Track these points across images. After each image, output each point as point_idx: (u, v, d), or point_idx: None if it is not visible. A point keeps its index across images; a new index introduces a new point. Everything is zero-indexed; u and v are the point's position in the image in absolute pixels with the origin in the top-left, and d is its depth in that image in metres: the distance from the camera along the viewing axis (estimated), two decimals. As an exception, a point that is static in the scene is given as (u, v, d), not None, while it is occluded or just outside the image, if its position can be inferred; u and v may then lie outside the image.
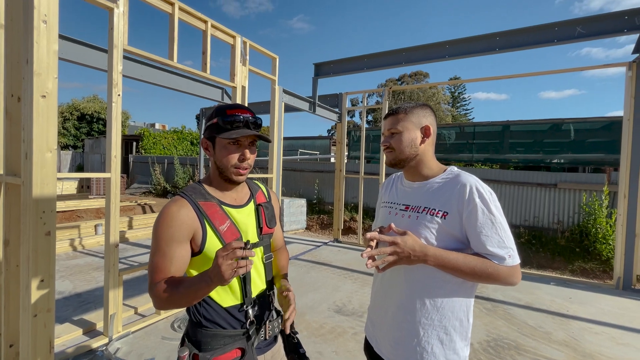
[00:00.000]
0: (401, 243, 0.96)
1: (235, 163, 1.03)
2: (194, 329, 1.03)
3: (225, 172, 1.05)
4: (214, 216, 1.02)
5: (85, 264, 4.81)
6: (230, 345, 1.01)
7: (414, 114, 1.12)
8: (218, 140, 1.03)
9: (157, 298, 0.93)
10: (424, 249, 0.97)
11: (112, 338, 2.67)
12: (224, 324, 1.02)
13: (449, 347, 1.02)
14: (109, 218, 2.63)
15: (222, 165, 1.04)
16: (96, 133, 24.75)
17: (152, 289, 0.94)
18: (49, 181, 1.60)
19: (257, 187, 1.23)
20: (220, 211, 1.04)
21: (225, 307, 1.03)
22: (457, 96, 31.24)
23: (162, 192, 12.30)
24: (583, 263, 5.66)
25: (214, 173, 1.09)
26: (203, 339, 1.01)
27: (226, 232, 1.02)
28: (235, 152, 1.03)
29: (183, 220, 0.96)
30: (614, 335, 3.03)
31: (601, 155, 7.47)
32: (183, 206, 0.99)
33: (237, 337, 1.02)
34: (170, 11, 3.05)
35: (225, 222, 1.03)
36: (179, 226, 0.96)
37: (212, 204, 1.03)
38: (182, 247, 0.97)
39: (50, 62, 1.57)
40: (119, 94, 2.66)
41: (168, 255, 0.95)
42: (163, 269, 0.95)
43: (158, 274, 0.95)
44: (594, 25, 3.88)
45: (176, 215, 0.96)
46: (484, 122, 9.26)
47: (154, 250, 0.97)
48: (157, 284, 0.94)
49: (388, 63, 5.31)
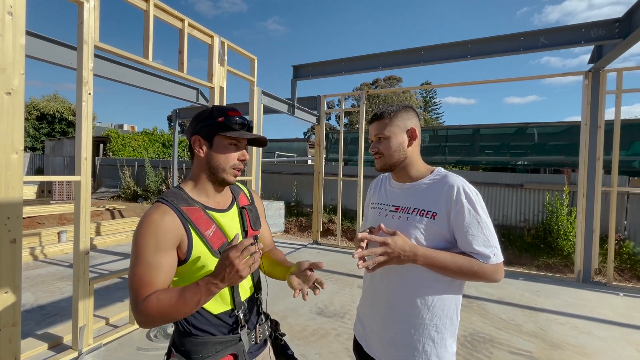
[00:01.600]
0: (391, 243, 0.98)
1: (234, 163, 1.02)
2: (181, 339, 0.98)
3: (221, 172, 1.02)
4: (198, 221, 0.97)
5: (48, 274, 4.49)
6: (222, 352, 0.97)
7: (399, 118, 1.14)
8: (218, 139, 1.00)
9: (146, 315, 0.85)
10: (413, 249, 0.99)
11: (82, 352, 2.51)
12: (214, 331, 0.99)
13: (440, 345, 1.05)
14: (78, 224, 2.47)
15: (219, 165, 1.01)
16: (57, 134, 23.22)
17: (137, 306, 0.86)
18: (15, 185, 1.48)
19: (239, 189, 1.20)
20: (205, 216, 0.99)
21: (216, 314, 0.99)
22: (429, 100, 32.36)
23: (132, 196, 11.74)
24: (547, 258, 6.04)
25: (200, 175, 1.04)
26: (193, 347, 0.96)
27: (212, 237, 0.98)
28: (235, 152, 1.02)
29: (168, 228, 0.91)
30: (577, 324, 3.25)
31: (561, 157, 8.02)
32: (166, 213, 0.93)
33: (229, 343, 0.99)
34: (145, 8, 2.93)
35: (210, 227, 0.99)
36: (164, 234, 0.90)
37: (196, 209, 0.99)
38: (169, 256, 0.91)
39: (17, 57, 1.46)
40: (90, 93, 2.52)
41: (155, 266, 0.88)
42: (149, 282, 0.87)
43: (144, 288, 0.87)
44: (556, 36, 4.17)
45: (160, 222, 0.90)
46: (456, 125, 9.66)
47: (136, 262, 0.89)
48: (145, 300, 0.86)
49: (366, 67, 5.41)
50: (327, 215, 8.51)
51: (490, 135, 8.93)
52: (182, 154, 18.53)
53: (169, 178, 11.40)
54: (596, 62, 4.36)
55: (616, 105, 4.41)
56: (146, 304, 0.85)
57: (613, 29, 3.86)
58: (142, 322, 0.87)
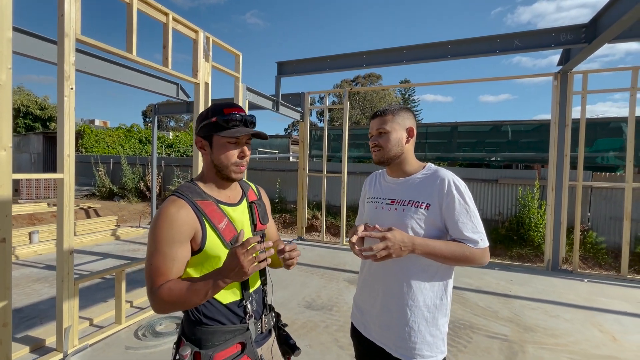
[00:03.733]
0: (391, 238, 1.05)
1: (235, 161, 1.06)
2: (191, 328, 1.03)
3: (225, 170, 1.06)
4: (212, 215, 1.03)
5: (22, 276, 4.30)
6: (231, 341, 1.02)
7: (400, 116, 1.24)
8: (216, 139, 1.04)
9: (160, 302, 0.92)
10: (411, 240, 1.08)
11: (68, 353, 2.46)
12: (224, 320, 1.04)
13: (432, 323, 1.15)
14: (62, 222, 2.40)
15: (221, 163, 1.05)
16: (23, 129, 21.86)
17: (154, 293, 0.93)
18: (3, 182, 1.45)
19: (248, 186, 1.26)
20: (218, 209, 1.05)
21: (226, 304, 1.04)
22: (407, 98, 32.99)
23: (107, 194, 11.29)
24: (520, 249, 6.39)
25: (210, 172, 1.09)
26: (203, 336, 1.01)
27: (225, 230, 1.04)
28: (234, 150, 1.05)
29: (184, 221, 0.96)
30: (547, 309, 3.51)
31: (532, 154, 8.48)
32: (182, 207, 0.98)
33: (237, 332, 1.04)
34: (128, 1, 2.86)
35: (223, 220, 1.04)
36: (180, 227, 0.95)
37: (210, 203, 1.04)
38: (183, 248, 0.97)
39: (4, 50, 1.42)
40: (72, 87, 2.44)
41: (170, 257, 0.94)
42: (165, 272, 0.94)
43: (159, 277, 0.94)
44: (529, 39, 4.41)
45: (176, 216, 0.96)
46: (436, 123, 9.96)
47: (153, 252, 0.95)
48: (160, 287, 0.92)
49: (349, 65, 5.49)
50: (311, 211, 8.57)
51: (467, 132, 9.29)
52: (160, 150, 17.98)
53: (147, 175, 11.06)
54: (565, 64, 4.65)
55: (582, 105, 4.73)
56: (160, 292, 0.91)
57: (580, 34, 4.14)
58: (156, 308, 0.93)
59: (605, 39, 3.78)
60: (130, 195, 10.80)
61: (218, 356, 0.99)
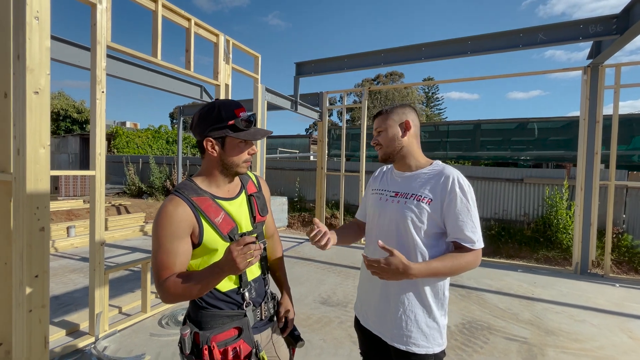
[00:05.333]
0: (385, 267, 1.06)
1: (246, 158, 1.13)
2: (195, 311, 1.11)
3: (235, 167, 1.12)
4: (208, 210, 1.07)
5: (60, 267, 4.64)
6: (228, 325, 1.09)
7: (395, 113, 1.29)
8: (230, 140, 1.09)
9: (167, 293, 0.98)
10: (406, 268, 1.05)
11: (99, 337, 2.65)
12: (223, 306, 1.10)
13: (429, 315, 1.18)
14: (94, 216, 2.60)
15: (233, 162, 1.11)
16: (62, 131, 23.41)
17: (161, 285, 0.99)
18: (43, 177, 1.61)
19: (247, 178, 1.29)
20: (214, 204, 1.09)
21: (224, 292, 1.11)
22: (431, 96, 32.27)
23: (137, 192, 11.90)
24: (546, 252, 6.13)
25: (213, 170, 1.13)
26: (203, 319, 1.08)
27: (221, 223, 1.08)
28: (245, 149, 1.12)
29: (181, 218, 1.02)
30: (572, 313, 3.36)
31: (561, 152, 8.08)
32: (179, 204, 1.03)
33: (235, 317, 1.11)
34: (153, 8, 3.04)
35: (219, 214, 1.09)
36: (178, 223, 1.01)
37: (205, 199, 1.09)
38: (183, 243, 1.03)
39: (43, 58, 1.58)
40: (103, 91, 2.64)
41: (172, 252, 1.00)
42: (168, 266, 1.00)
43: (164, 271, 1.00)
44: (554, 33, 4.24)
45: (174, 213, 1.01)
46: (457, 121, 9.72)
47: (157, 249, 1.01)
48: (165, 280, 0.99)
49: (367, 64, 5.49)
50: (330, 210, 8.63)
51: (491, 130, 8.99)
52: (185, 150, 18.69)
53: (173, 174, 11.54)
54: (595, 57, 4.42)
55: (614, 100, 4.47)
56: (166, 285, 0.99)
57: (610, 25, 3.92)
58: (163, 298, 1.01)
59: (639, 29, 3.57)
60: (157, 193, 11.31)
61: (215, 338, 1.05)
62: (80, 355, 2.45)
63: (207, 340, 1.04)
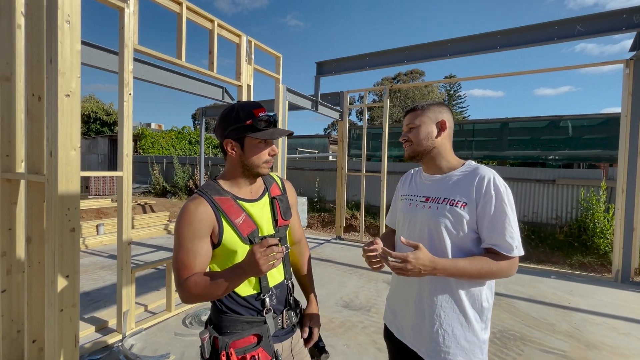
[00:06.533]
0: (413, 261, 0.98)
1: (266, 159, 1.09)
2: (216, 315, 1.09)
3: (256, 168, 1.09)
4: (229, 210, 1.06)
5: (90, 264, 4.82)
6: (247, 331, 1.05)
7: (431, 110, 1.20)
8: (249, 140, 1.07)
9: (187, 293, 0.97)
10: (433, 263, 1.00)
11: (126, 335, 2.70)
12: (242, 311, 1.07)
13: (468, 328, 1.08)
14: (121, 216, 2.65)
15: (253, 163, 1.08)
16: (93, 133, 24.55)
17: (181, 285, 0.98)
18: (73, 178, 1.63)
19: (272, 180, 1.26)
20: (235, 205, 1.08)
21: (244, 297, 1.08)
22: (453, 94, 31.40)
23: (161, 192, 12.27)
24: (581, 257, 5.77)
25: (235, 171, 1.11)
26: (223, 323, 1.06)
27: (242, 225, 1.06)
28: (265, 149, 1.09)
29: (202, 217, 1.01)
30: (616, 325, 3.12)
31: (598, 152, 7.60)
32: (201, 203, 1.03)
33: (254, 324, 1.07)
34: (178, 11, 3.07)
35: (240, 215, 1.07)
36: (199, 222, 1.00)
37: (227, 199, 1.07)
38: (204, 242, 1.02)
39: (74, 61, 1.60)
40: (130, 93, 2.69)
41: (192, 251, 0.99)
42: (189, 265, 0.99)
43: (185, 270, 0.99)
44: (594, 23, 3.96)
45: (195, 212, 1.01)
46: (483, 119, 9.36)
47: (178, 248, 1.00)
48: (186, 280, 0.98)
49: (390, 62, 5.36)
50: (350, 210, 8.53)
51: (519, 129, 8.58)
52: (207, 151, 19.11)
53: (196, 174, 11.81)
54: (639, 49, 4.10)
55: (661, 95, 4.13)
56: (187, 284, 0.97)
57: (658, 14, 3.62)
58: (183, 298, 0.99)
59: (693, 17, 3.27)
60: (180, 193, 11.61)
61: (234, 344, 1.02)
62: (109, 353, 2.50)
63: (225, 346, 1.01)
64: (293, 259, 1.33)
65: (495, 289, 3.65)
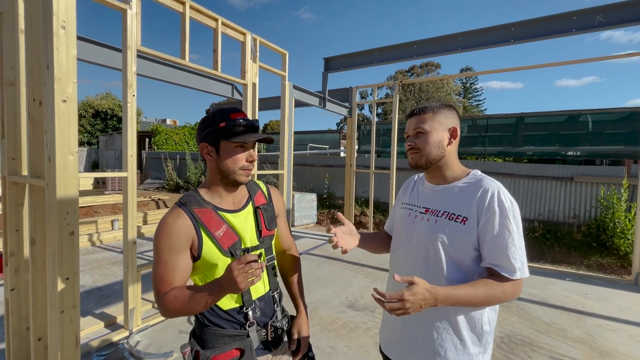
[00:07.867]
0: (410, 298, 0.87)
1: (243, 164, 1.05)
2: (199, 328, 1.07)
3: (232, 175, 1.05)
4: (209, 222, 1.03)
5: (104, 259, 4.97)
6: (229, 345, 1.03)
7: (442, 114, 1.09)
8: (224, 144, 1.04)
9: (165, 308, 0.95)
10: (433, 294, 0.89)
11: (132, 331, 2.77)
12: (225, 325, 1.05)
13: (463, 352, 1.01)
14: (126, 216, 2.70)
15: (229, 168, 1.04)
16: (110, 129, 25.25)
17: (160, 300, 0.96)
18: (71, 183, 1.65)
19: (257, 188, 1.22)
20: (216, 216, 1.05)
21: (226, 310, 1.06)
22: (469, 87, 30.56)
23: (174, 187, 12.53)
24: (600, 258, 5.55)
25: (214, 178, 1.09)
26: (205, 337, 1.04)
27: (222, 237, 1.03)
28: (241, 154, 1.05)
29: (180, 230, 0.98)
30: (632, 332, 2.98)
31: (620, 147, 7.24)
32: (179, 216, 1.00)
33: (237, 338, 1.05)
34: (181, 10, 3.06)
35: (221, 227, 1.04)
36: (177, 236, 0.98)
37: (207, 210, 1.04)
38: (183, 256, 0.99)
39: (70, 67, 1.61)
40: (134, 94, 2.71)
41: (170, 265, 0.97)
42: (168, 280, 0.97)
43: (163, 285, 0.97)
44: (616, 13, 3.73)
45: (173, 225, 0.99)
46: (498, 114, 9.07)
47: (157, 262, 0.99)
48: (164, 295, 0.96)
49: (399, 56, 5.24)
50: (359, 207, 8.48)
51: (536, 124, 8.26)
52: (219, 146, 19.33)
53: (208, 170, 11.98)
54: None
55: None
56: (166, 299, 0.95)
57: (688, 1, 3.37)
58: (162, 313, 0.98)
59: None
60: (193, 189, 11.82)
61: (216, 358, 1.01)
62: (114, 350, 2.57)
63: (207, 359, 1.00)
64: (282, 268, 1.30)
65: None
